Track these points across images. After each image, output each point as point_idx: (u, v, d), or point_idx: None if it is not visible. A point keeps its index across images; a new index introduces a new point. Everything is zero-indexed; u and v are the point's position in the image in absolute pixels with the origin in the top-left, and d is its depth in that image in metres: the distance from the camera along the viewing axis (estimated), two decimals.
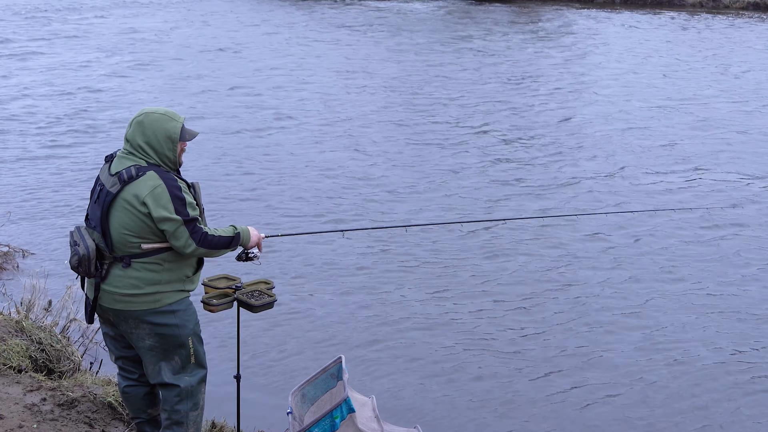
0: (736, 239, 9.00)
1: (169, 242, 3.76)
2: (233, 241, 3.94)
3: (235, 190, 10.24)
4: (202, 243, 3.78)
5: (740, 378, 6.42)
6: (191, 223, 3.75)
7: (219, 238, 3.87)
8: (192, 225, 3.75)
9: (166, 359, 3.92)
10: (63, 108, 13.88)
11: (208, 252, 3.85)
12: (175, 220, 3.70)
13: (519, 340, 6.92)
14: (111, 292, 3.80)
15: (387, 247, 8.66)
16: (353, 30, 23.00)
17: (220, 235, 3.88)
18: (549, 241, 8.88)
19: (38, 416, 4.43)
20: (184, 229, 3.73)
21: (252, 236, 4.08)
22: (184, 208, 3.73)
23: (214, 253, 3.89)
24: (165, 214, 3.68)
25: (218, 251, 3.90)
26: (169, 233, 3.73)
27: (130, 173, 3.71)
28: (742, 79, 17.03)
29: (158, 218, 3.69)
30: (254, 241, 4.10)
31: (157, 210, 3.67)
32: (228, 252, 4.01)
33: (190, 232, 3.74)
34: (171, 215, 3.69)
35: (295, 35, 21.77)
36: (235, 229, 3.98)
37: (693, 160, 11.69)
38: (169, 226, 3.71)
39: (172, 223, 3.70)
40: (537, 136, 12.84)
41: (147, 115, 3.81)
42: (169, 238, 3.74)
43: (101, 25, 22.68)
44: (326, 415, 4.07)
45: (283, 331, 6.93)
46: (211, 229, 3.87)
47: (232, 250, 4.03)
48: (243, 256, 4.16)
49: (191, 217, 3.75)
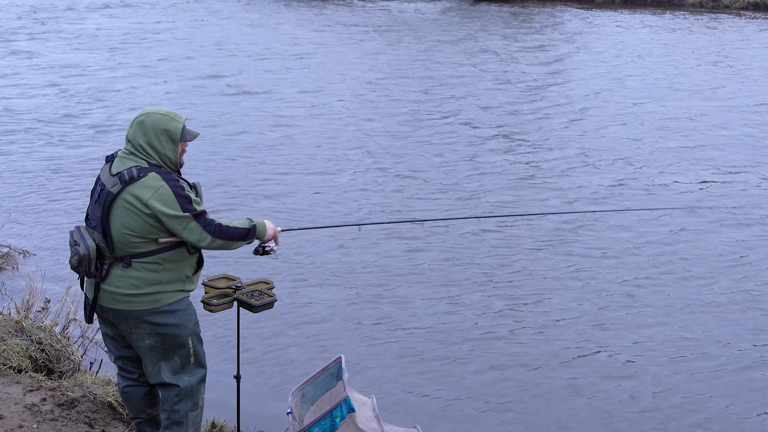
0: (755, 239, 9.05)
1: (183, 239, 3.76)
2: (249, 233, 3.94)
3: (243, 188, 10.27)
4: (217, 234, 3.79)
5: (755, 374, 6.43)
6: (201, 216, 3.75)
7: (234, 229, 3.87)
8: (203, 218, 3.76)
9: (166, 359, 3.92)
10: (64, 108, 13.88)
11: (225, 244, 3.85)
12: (184, 217, 3.71)
13: (521, 340, 6.91)
14: (111, 292, 3.79)
15: (388, 248, 8.65)
16: (353, 30, 22.99)
17: (235, 226, 3.89)
18: (553, 239, 8.88)
19: (38, 416, 4.43)
20: (196, 223, 3.74)
21: (268, 229, 4.06)
22: (191, 205, 3.74)
23: (231, 245, 3.89)
24: (173, 212, 3.68)
25: (235, 243, 3.90)
26: (180, 231, 3.72)
27: (131, 174, 3.70)
28: (743, 80, 17.02)
29: (167, 217, 3.68)
30: (270, 234, 4.08)
31: (165, 210, 3.67)
32: (245, 244, 4.00)
33: (203, 225, 3.75)
34: (179, 213, 3.69)
35: (296, 35, 21.77)
36: (251, 222, 3.98)
37: (697, 159, 11.69)
38: (180, 224, 3.70)
39: (182, 220, 3.70)
40: (539, 134, 12.83)
41: (148, 116, 3.81)
42: (182, 235, 3.74)
43: (106, 24, 22.68)
44: (326, 414, 4.07)
45: (283, 331, 6.93)
46: (225, 221, 3.88)
47: (249, 243, 4.02)
48: (260, 249, 4.14)
49: (199, 211, 3.76)
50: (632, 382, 6.32)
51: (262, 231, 4.02)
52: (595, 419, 5.90)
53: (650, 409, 6.01)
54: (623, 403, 6.07)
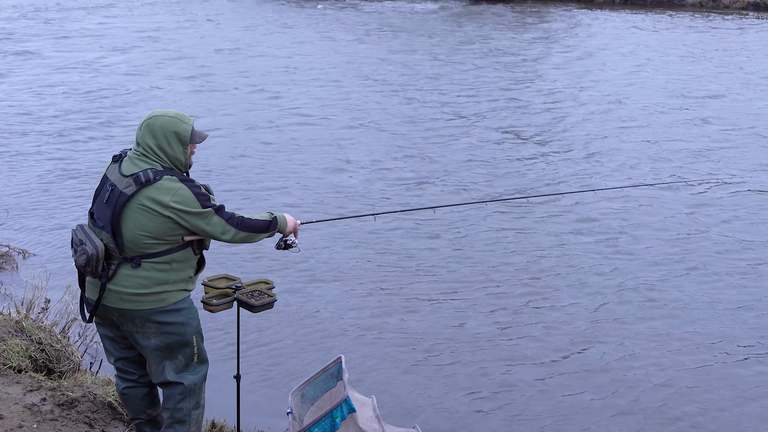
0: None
1: (207, 234, 3.81)
2: (271, 225, 4.00)
3: (251, 185, 10.32)
4: (240, 226, 3.86)
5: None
6: (222, 210, 3.82)
7: (256, 221, 3.94)
8: (223, 212, 3.82)
9: (170, 358, 3.93)
10: (65, 108, 13.87)
11: (248, 236, 3.91)
12: (207, 213, 3.76)
13: (523, 341, 6.90)
14: (117, 292, 3.79)
15: (388, 248, 8.66)
16: (354, 30, 23.00)
17: (257, 219, 3.96)
18: (556, 240, 8.87)
19: (38, 416, 4.43)
20: (218, 217, 3.80)
21: (289, 222, 4.12)
22: (209, 201, 3.81)
23: (254, 237, 3.95)
24: (195, 210, 3.73)
25: (258, 235, 3.97)
26: (204, 226, 3.77)
27: (147, 176, 3.71)
28: (743, 79, 17.01)
29: (190, 216, 3.72)
30: (291, 227, 4.14)
31: (187, 209, 3.71)
32: (266, 237, 4.04)
33: (225, 218, 3.81)
34: (200, 210, 3.75)
35: (300, 35, 21.78)
36: (272, 215, 4.03)
37: (703, 159, 11.70)
38: (203, 220, 3.76)
39: (204, 216, 3.76)
40: (541, 133, 12.83)
41: (157, 118, 3.82)
42: (206, 230, 3.78)
43: (113, 23, 22.69)
44: (326, 415, 4.07)
45: (283, 331, 6.94)
46: (247, 214, 3.93)
47: (270, 236, 4.06)
48: (282, 244, 4.18)
49: (219, 205, 3.83)
50: (637, 383, 6.31)
51: (283, 224, 4.08)
52: (597, 419, 5.90)
53: (656, 408, 6.02)
54: (627, 404, 6.06)
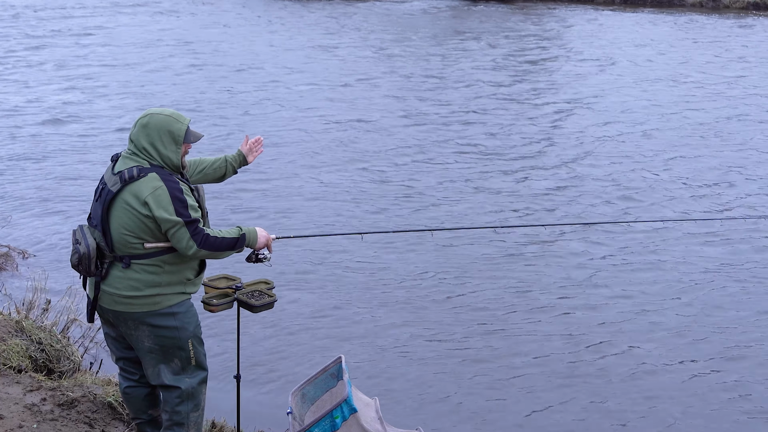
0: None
1: (173, 243, 3.74)
2: (238, 242, 3.88)
3: (245, 192, 10.22)
4: (203, 245, 3.74)
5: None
6: (192, 224, 3.71)
7: (222, 240, 3.81)
8: (193, 227, 3.72)
9: (166, 361, 3.91)
10: (66, 107, 13.87)
11: (210, 254, 3.80)
12: (176, 222, 3.68)
13: (524, 341, 6.90)
14: (110, 293, 3.79)
15: (389, 248, 8.65)
16: (352, 30, 22.98)
17: (223, 236, 3.82)
18: (562, 248, 8.81)
19: (38, 416, 4.43)
20: (185, 230, 3.70)
21: (260, 237, 3.99)
22: (185, 210, 3.71)
23: (217, 255, 3.84)
24: (165, 215, 3.66)
25: (222, 253, 3.85)
26: (170, 235, 3.71)
27: (131, 173, 3.70)
28: (744, 79, 17.01)
29: (159, 219, 3.67)
30: (262, 242, 4.02)
31: (158, 211, 3.66)
32: (233, 253, 3.94)
33: (191, 233, 3.71)
34: (171, 217, 3.67)
35: (296, 36, 21.77)
36: (241, 230, 3.91)
37: (704, 165, 11.70)
38: (171, 228, 3.69)
39: (173, 225, 3.68)
40: (541, 137, 12.83)
41: (152, 116, 3.80)
42: (171, 240, 3.72)
43: (117, 25, 22.67)
44: (326, 415, 4.06)
45: (283, 331, 6.93)
46: (214, 231, 3.82)
47: (238, 252, 3.96)
48: (253, 257, 4.08)
49: (192, 218, 3.72)
50: (640, 384, 6.31)
51: (253, 239, 3.95)
52: (598, 420, 5.90)
53: (661, 412, 6.01)
54: (630, 404, 6.05)
